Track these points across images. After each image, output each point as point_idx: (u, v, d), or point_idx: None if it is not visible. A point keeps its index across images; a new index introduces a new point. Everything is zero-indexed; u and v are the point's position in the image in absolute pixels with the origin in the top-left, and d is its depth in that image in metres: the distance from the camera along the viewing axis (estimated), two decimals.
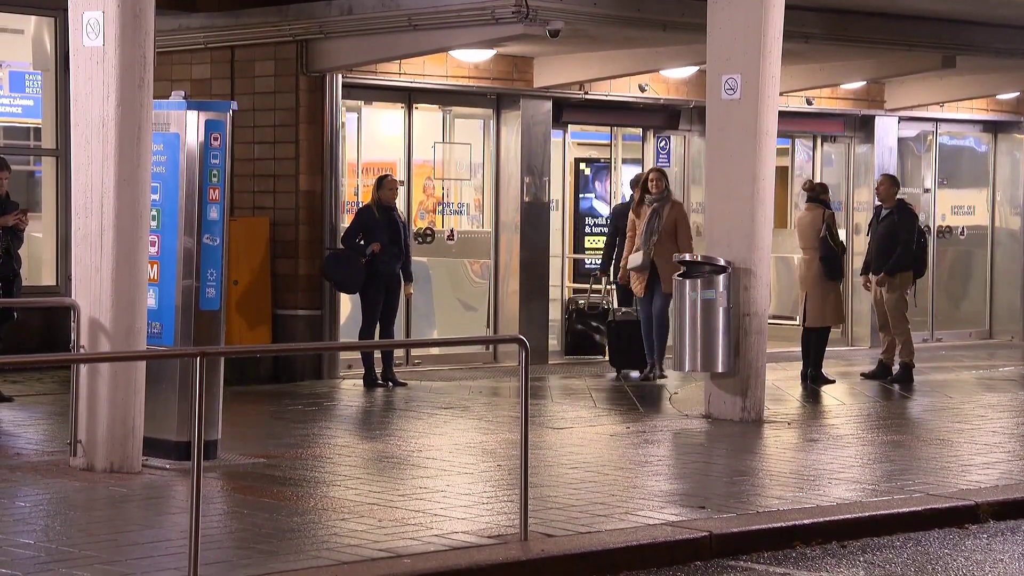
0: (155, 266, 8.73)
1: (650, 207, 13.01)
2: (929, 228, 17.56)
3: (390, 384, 12.78)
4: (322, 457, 9.23)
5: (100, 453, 8.43)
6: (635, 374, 13.49)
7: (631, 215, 13.26)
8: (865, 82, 16.74)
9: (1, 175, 11.14)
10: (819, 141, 17.66)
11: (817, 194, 13.84)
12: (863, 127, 17.46)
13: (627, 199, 14.84)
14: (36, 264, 13.40)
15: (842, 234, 15.66)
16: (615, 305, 14.28)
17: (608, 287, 14.52)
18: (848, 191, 17.56)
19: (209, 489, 7.82)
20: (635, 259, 13.04)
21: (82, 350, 8.49)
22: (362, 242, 12.69)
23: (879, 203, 14.02)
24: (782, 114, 11.85)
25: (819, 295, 13.44)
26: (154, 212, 8.71)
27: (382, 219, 12.68)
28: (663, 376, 13.33)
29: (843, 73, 15.98)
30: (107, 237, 8.42)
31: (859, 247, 17.32)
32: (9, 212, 11.10)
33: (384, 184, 12.80)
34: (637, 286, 13.17)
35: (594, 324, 14.73)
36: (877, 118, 17.37)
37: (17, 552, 6.50)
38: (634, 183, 15.55)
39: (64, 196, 12.97)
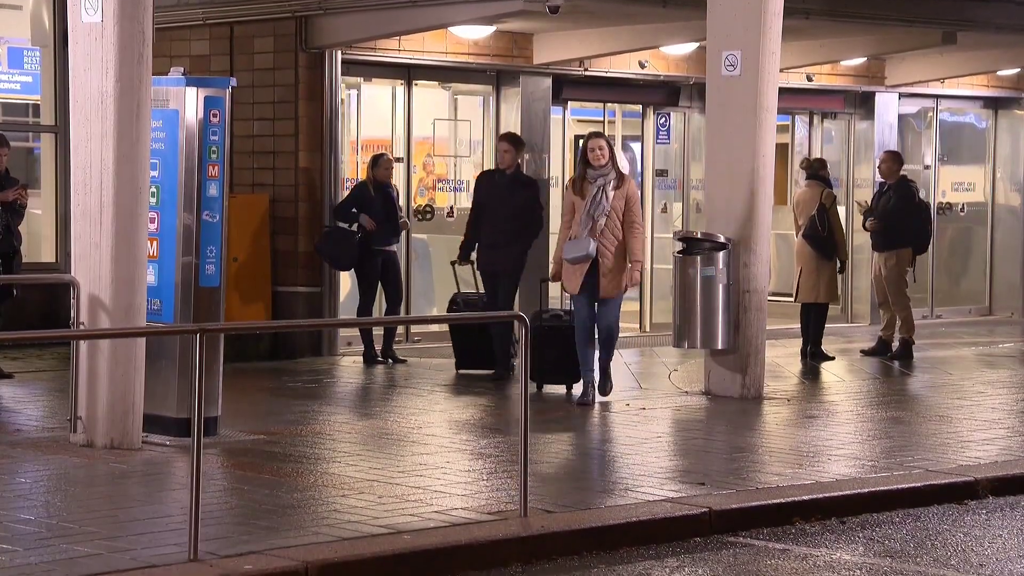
0: (155, 243, 8.73)
1: (593, 183, 10.42)
2: (929, 205, 17.54)
3: (390, 361, 12.79)
4: (322, 434, 9.24)
5: (100, 429, 8.44)
6: (576, 390, 10.87)
7: (567, 192, 10.70)
8: (865, 58, 16.70)
9: (1, 152, 11.11)
10: (819, 118, 17.63)
11: (816, 171, 13.84)
12: (863, 104, 17.42)
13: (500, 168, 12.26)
14: (36, 241, 13.39)
15: (841, 212, 15.65)
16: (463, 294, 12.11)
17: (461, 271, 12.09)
18: (848, 168, 17.54)
19: (209, 465, 7.82)
20: (573, 248, 10.35)
21: (82, 327, 8.49)
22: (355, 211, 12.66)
23: (882, 179, 14.02)
24: (782, 91, 11.82)
25: (813, 271, 13.45)
26: (153, 189, 8.70)
27: (377, 196, 12.67)
28: (603, 395, 10.66)
29: (843, 49, 15.94)
30: (106, 214, 8.41)
31: (858, 224, 17.32)
32: (9, 188, 11.08)
33: (380, 163, 12.79)
34: (572, 282, 10.43)
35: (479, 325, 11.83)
36: (877, 95, 17.33)
37: (18, 528, 6.51)
38: None
39: (63, 173, 12.95)
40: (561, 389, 11.13)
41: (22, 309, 11.74)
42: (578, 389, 10.83)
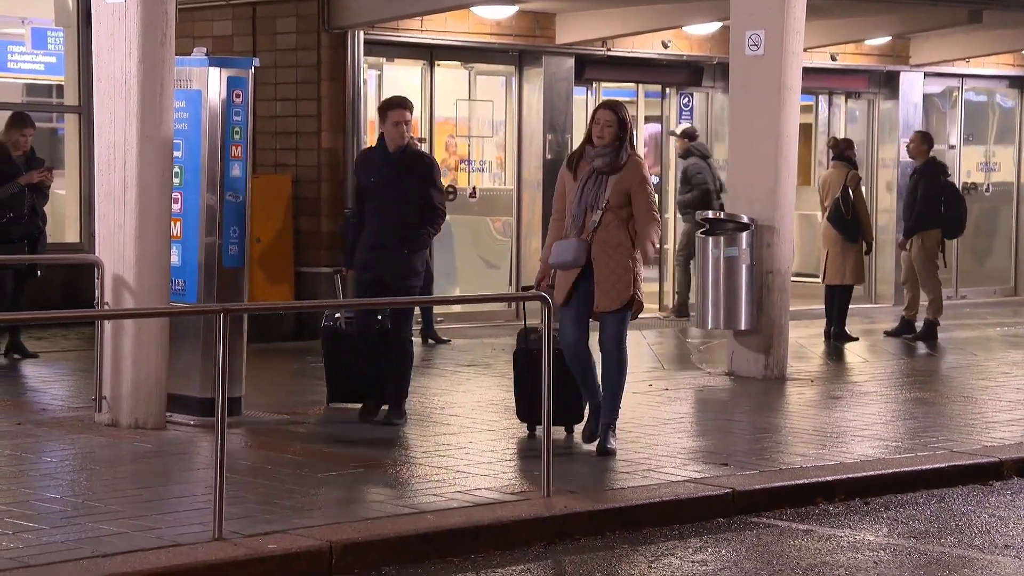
0: (178, 223, 8.74)
1: (590, 164, 7.99)
2: (956, 186, 17.46)
3: (431, 342, 12.80)
4: (345, 412, 9.25)
5: (125, 409, 8.47)
6: (578, 433, 8.37)
7: (561, 173, 8.19)
8: (890, 37, 16.60)
9: (25, 132, 11.15)
10: (843, 97, 17.55)
11: (842, 151, 13.78)
12: (888, 83, 17.33)
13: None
14: (60, 221, 13.43)
15: (866, 192, 15.60)
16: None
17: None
18: (872, 148, 17.46)
19: (233, 445, 7.84)
20: (559, 250, 7.95)
21: (106, 306, 8.52)
22: None
23: (911, 160, 13.95)
24: (806, 70, 11.77)
25: (839, 253, 13.41)
26: (177, 169, 8.71)
27: None
28: (599, 453, 7.98)
29: (868, 28, 15.85)
30: (130, 194, 8.43)
31: (882, 204, 17.27)
32: (34, 169, 11.12)
33: None
34: (559, 291, 7.98)
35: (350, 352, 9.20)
36: (902, 74, 17.24)
37: (44, 507, 6.54)
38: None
39: (87, 153, 12.98)
40: (559, 431, 8.28)
41: (47, 289, 11.78)
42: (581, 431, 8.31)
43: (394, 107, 8.73)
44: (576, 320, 8.01)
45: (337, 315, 9.24)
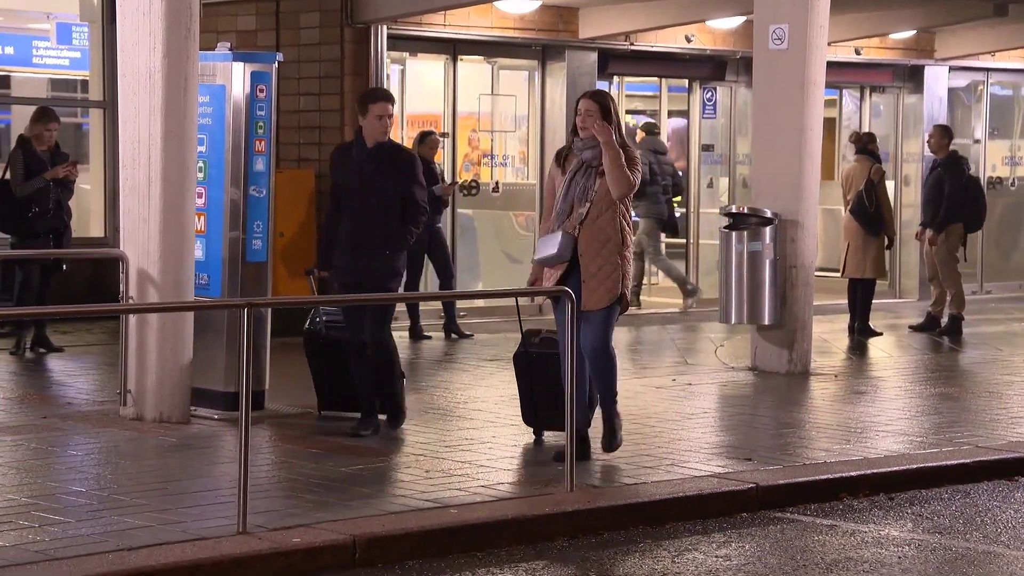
0: (202, 217, 8.77)
1: (578, 156, 7.64)
2: (979, 180, 17.38)
3: (453, 336, 12.82)
4: None
5: (149, 403, 8.50)
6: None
7: (551, 172, 7.87)
8: (915, 31, 16.54)
9: (50, 127, 11.19)
10: (867, 92, 17.48)
11: (865, 144, 13.74)
12: (912, 77, 17.26)
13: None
14: (85, 215, 13.49)
15: (890, 187, 15.54)
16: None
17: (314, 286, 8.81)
18: (897, 142, 17.40)
19: (257, 439, 7.86)
20: (543, 245, 7.68)
21: (131, 301, 8.55)
22: None
23: (932, 154, 13.90)
24: (830, 64, 11.73)
25: (860, 247, 13.37)
26: (201, 164, 8.73)
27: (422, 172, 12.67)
28: (606, 450, 7.76)
29: (892, 22, 15.79)
30: (155, 189, 8.45)
31: (907, 199, 17.20)
32: (59, 164, 11.16)
33: (427, 141, 12.81)
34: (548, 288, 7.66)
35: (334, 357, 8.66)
36: (927, 68, 17.17)
37: (70, 500, 6.58)
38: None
39: (112, 148, 13.04)
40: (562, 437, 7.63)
41: (72, 283, 11.84)
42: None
43: (377, 99, 8.15)
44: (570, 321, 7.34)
45: (318, 318, 8.68)
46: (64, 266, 11.34)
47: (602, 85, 15.07)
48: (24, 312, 11.10)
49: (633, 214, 7.79)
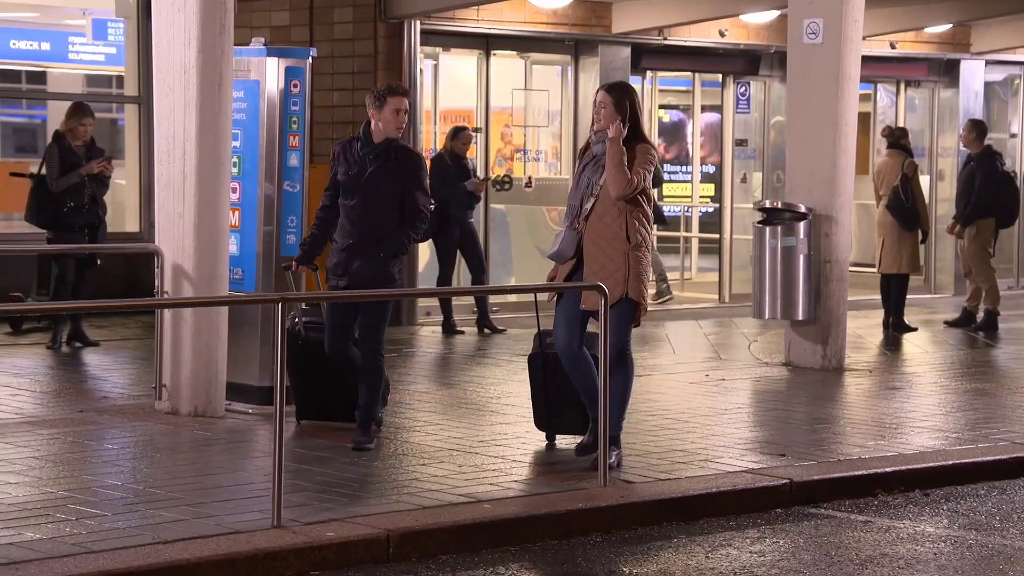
0: (236, 212, 8.80)
1: (592, 149, 7.42)
2: (1015, 173, 17.26)
3: (486, 331, 12.83)
4: (401, 403, 9.28)
5: (184, 397, 8.54)
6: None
7: (577, 166, 7.66)
8: (951, 25, 16.43)
9: (85, 122, 11.25)
10: (903, 86, 17.39)
11: (897, 139, 13.67)
12: (948, 71, 17.16)
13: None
14: (120, 211, 13.56)
15: (925, 181, 15.44)
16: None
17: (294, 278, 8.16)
18: (932, 137, 17.30)
19: (291, 434, 7.90)
20: (554, 242, 7.55)
21: (165, 295, 8.59)
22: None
23: (966, 149, 13.83)
24: (865, 58, 11.67)
25: (895, 242, 13.31)
26: (235, 159, 8.76)
27: (454, 167, 12.73)
28: (581, 452, 7.48)
29: (928, 16, 15.69)
30: (189, 184, 8.49)
31: (942, 194, 17.10)
32: (94, 159, 11.22)
33: (460, 137, 12.84)
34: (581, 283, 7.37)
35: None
36: (963, 62, 17.06)
37: (105, 493, 6.62)
38: None
39: (147, 143, 13.10)
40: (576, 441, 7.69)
41: (107, 278, 11.91)
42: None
43: (395, 93, 7.72)
44: (567, 320, 7.31)
45: (296, 319, 8.13)
46: (99, 261, 11.41)
47: (635, 80, 15.05)
48: (60, 307, 11.18)
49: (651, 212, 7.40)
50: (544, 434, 7.94)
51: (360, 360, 7.79)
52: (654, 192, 8.11)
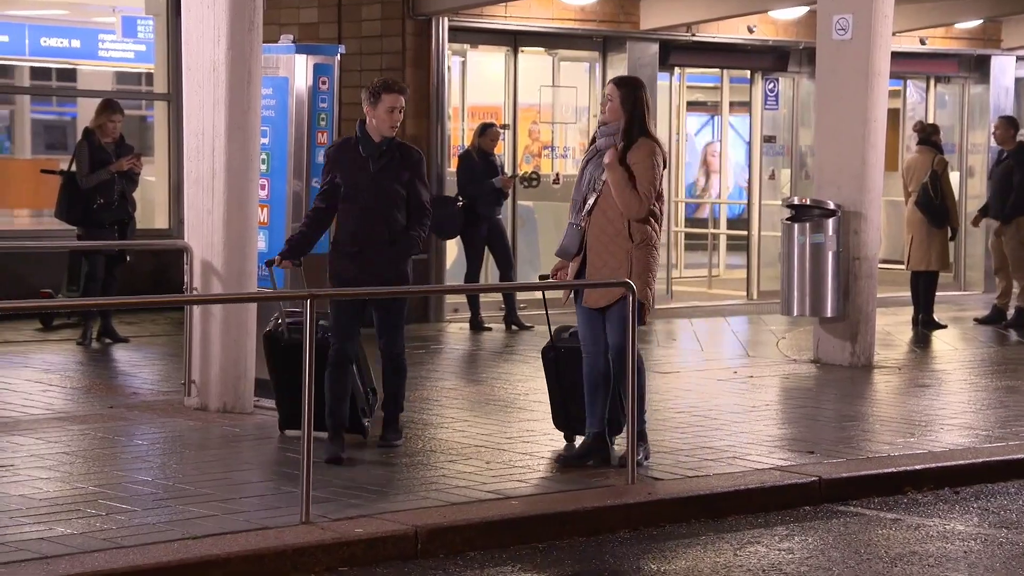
0: (265, 209, 8.82)
1: (597, 143, 7.33)
2: None
3: (514, 328, 12.84)
4: (429, 399, 9.30)
5: (213, 393, 8.57)
6: (618, 447, 7.51)
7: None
8: (981, 20, 16.34)
9: (114, 118, 11.30)
10: (932, 82, 17.30)
11: (928, 135, 13.60)
12: (978, 67, 17.06)
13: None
14: (149, 207, 13.62)
15: (955, 178, 15.36)
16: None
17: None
18: (962, 133, 17.21)
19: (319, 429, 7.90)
20: (565, 237, 7.39)
21: (195, 292, 8.62)
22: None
23: (998, 146, 13.75)
24: (894, 54, 11.61)
25: (924, 239, 13.24)
26: (264, 156, 8.78)
27: (481, 164, 12.74)
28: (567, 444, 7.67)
29: (958, 11, 15.61)
30: (218, 180, 8.52)
31: (972, 191, 17.02)
32: (124, 156, 11.27)
33: (488, 133, 12.85)
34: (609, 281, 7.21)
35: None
36: (993, 57, 16.96)
37: (135, 488, 6.65)
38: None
39: (176, 140, 13.15)
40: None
41: (136, 275, 11.96)
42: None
43: (391, 90, 7.46)
44: (588, 319, 7.24)
45: (280, 320, 7.83)
46: (129, 257, 11.46)
47: (663, 76, 15.03)
48: (90, 303, 11.24)
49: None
50: (563, 434, 7.82)
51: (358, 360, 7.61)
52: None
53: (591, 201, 7.16)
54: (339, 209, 7.54)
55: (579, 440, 7.57)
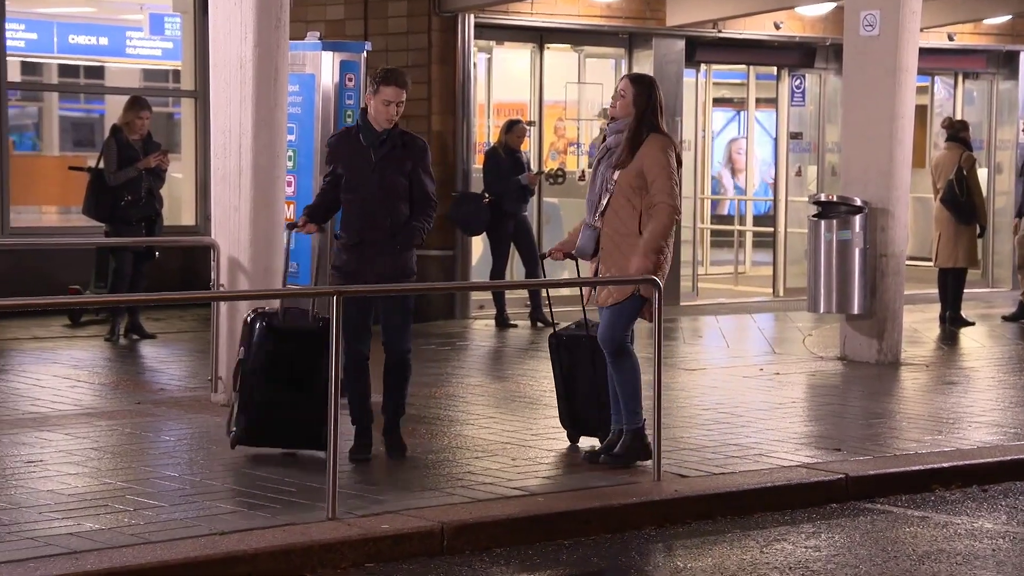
0: (291, 206, 8.85)
1: (607, 141, 7.26)
2: None
3: (538, 324, 12.85)
4: (455, 396, 9.31)
5: None
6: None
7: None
8: (1010, 16, 16.24)
9: (142, 115, 11.34)
10: (960, 78, 17.22)
11: (956, 132, 13.54)
12: (1007, 63, 16.97)
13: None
14: (176, 204, 13.67)
15: (982, 175, 15.29)
16: None
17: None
18: (990, 129, 17.12)
19: (345, 425, 7.91)
20: (580, 238, 7.35)
21: (221, 288, 8.65)
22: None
23: None
24: (922, 51, 11.56)
25: (952, 235, 13.19)
26: (290, 152, 8.81)
27: (507, 161, 12.74)
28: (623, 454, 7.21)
29: (986, 7, 15.52)
30: (245, 177, 8.55)
31: (1000, 187, 16.92)
32: (151, 153, 11.32)
33: (514, 130, 12.85)
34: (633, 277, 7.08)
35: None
36: (1022, 53, 16.86)
37: (162, 484, 6.68)
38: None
39: (203, 137, 13.20)
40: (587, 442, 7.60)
41: (163, 271, 12.00)
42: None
43: (388, 82, 7.12)
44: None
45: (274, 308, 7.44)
46: (156, 254, 11.51)
47: (689, 73, 14.99)
48: (118, 299, 11.29)
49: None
50: (568, 435, 7.69)
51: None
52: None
53: (604, 201, 7.09)
54: (342, 200, 7.25)
55: (590, 441, 7.51)
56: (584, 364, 7.46)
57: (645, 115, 7.03)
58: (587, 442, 7.59)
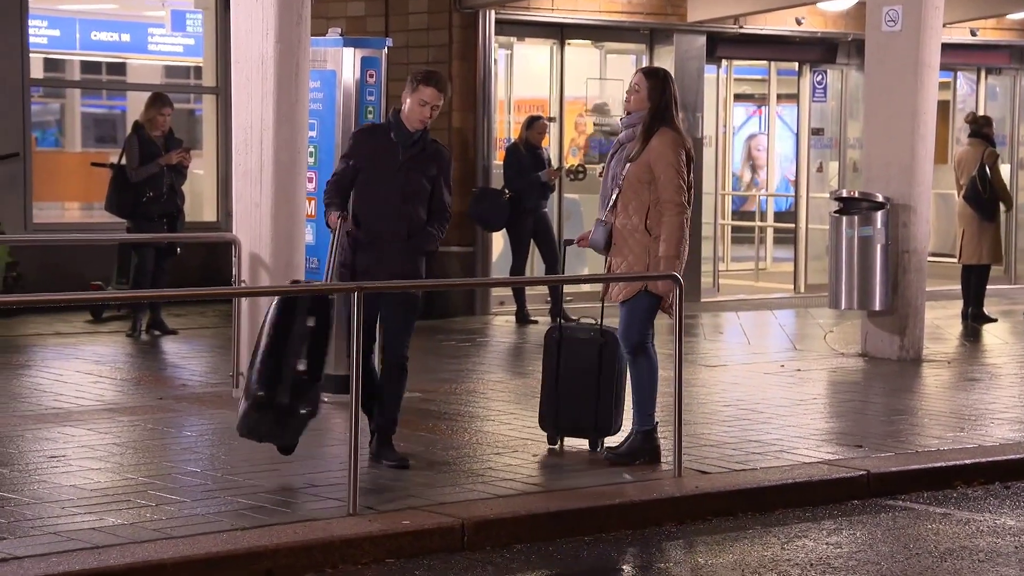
0: (313, 202, 8.86)
1: (620, 136, 7.29)
2: None
3: (561, 321, 12.80)
4: (476, 392, 9.31)
5: None
6: (600, 451, 7.37)
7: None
8: None
9: (164, 111, 11.38)
10: (983, 74, 17.14)
11: (980, 128, 13.48)
12: None
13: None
14: (198, 200, 13.71)
15: (1005, 171, 15.22)
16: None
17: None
18: (1013, 125, 17.04)
19: (366, 422, 7.93)
20: (593, 232, 7.34)
21: (243, 284, 8.67)
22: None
23: None
24: (944, 46, 11.52)
25: (975, 232, 13.13)
26: (312, 148, 8.82)
27: (528, 157, 12.73)
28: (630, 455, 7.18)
29: (1009, 2, 15.45)
30: (266, 173, 8.56)
31: (1023, 182, 16.85)
32: (173, 149, 11.35)
33: (535, 126, 12.84)
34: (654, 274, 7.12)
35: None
36: None
37: (185, 480, 6.70)
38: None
39: (224, 133, 13.22)
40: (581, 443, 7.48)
41: (185, 267, 12.04)
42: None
43: (428, 83, 7.07)
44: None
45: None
46: (178, 250, 11.54)
47: (710, 69, 14.97)
48: (139, 295, 11.33)
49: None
50: (548, 436, 7.53)
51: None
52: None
53: (614, 196, 7.10)
54: (357, 196, 7.07)
55: (577, 443, 7.46)
56: (583, 363, 7.37)
57: (659, 109, 7.03)
58: (572, 443, 7.49)
